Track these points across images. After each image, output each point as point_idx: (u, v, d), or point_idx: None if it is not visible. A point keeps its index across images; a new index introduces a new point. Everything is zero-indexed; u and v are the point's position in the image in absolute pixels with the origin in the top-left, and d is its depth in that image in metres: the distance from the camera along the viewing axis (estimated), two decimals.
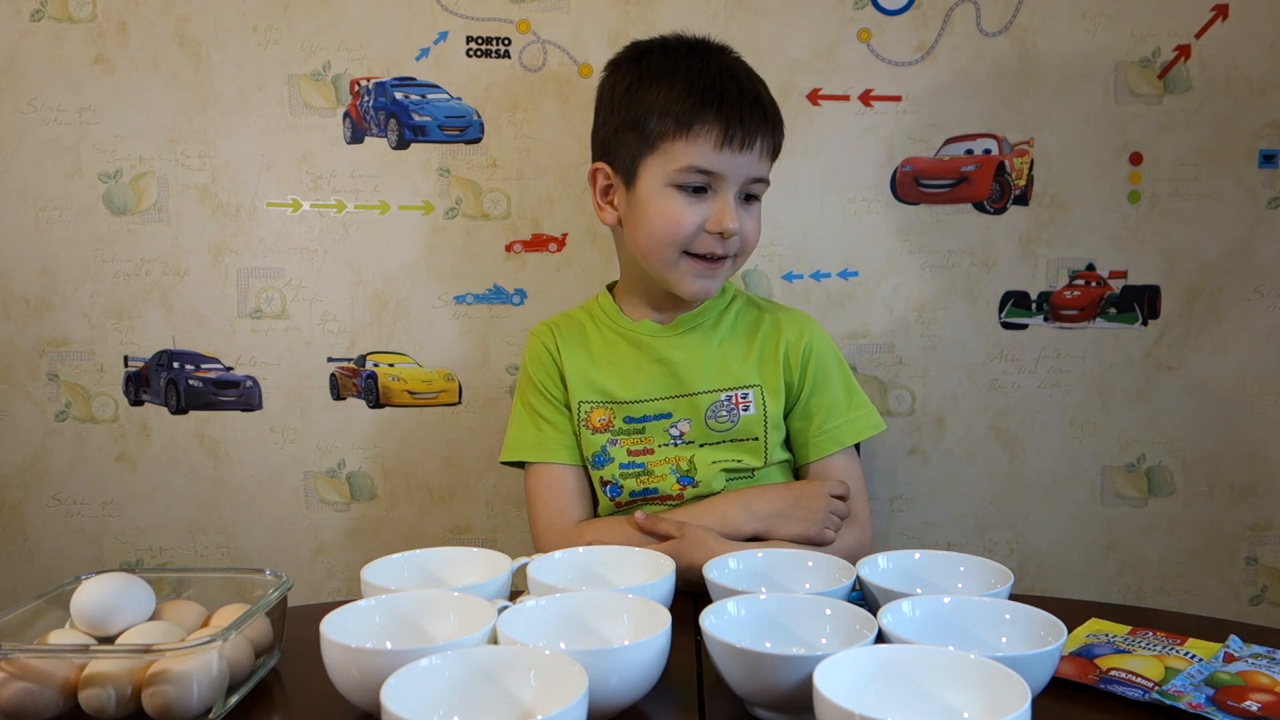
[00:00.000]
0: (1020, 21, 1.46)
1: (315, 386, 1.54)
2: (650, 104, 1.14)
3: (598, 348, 1.23)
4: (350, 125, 1.49)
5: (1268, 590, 1.54)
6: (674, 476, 1.17)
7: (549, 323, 1.27)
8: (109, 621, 0.79)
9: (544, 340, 1.24)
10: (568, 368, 1.22)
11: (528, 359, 1.25)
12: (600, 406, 1.20)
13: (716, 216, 1.13)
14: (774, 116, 1.17)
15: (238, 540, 1.56)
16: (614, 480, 1.19)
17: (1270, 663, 0.81)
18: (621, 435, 1.19)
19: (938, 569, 0.92)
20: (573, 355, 1.22)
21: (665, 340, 1.21)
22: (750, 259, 1.28)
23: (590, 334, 1.25)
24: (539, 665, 0.69)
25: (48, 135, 1.49)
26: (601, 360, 1.22)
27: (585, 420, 1.20)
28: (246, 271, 1.51)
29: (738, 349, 1.21)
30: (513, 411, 1.26)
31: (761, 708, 0.75)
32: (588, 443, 1.19)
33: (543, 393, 1.22)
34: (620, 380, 1.20)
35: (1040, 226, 1.50)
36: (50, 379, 1.53)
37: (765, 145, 1.15)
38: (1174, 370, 1.51)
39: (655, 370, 1.20)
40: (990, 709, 0.65)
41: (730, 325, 1.23)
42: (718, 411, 1.18)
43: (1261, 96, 1.46)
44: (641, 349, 1.21)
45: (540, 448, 1.21)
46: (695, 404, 1.18)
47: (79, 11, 1.47)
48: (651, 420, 1.18)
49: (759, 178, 1.16)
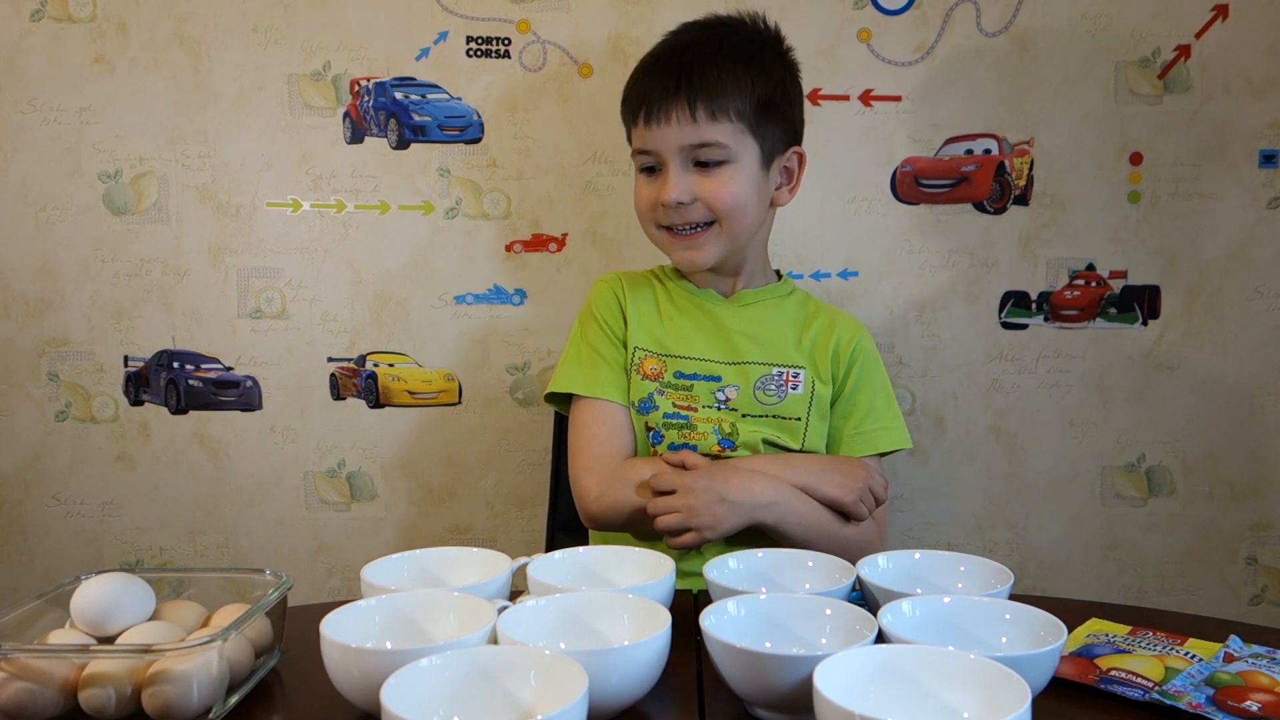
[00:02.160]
0: (1020, 21, 1.46)
1: (315, 386, 1.54)
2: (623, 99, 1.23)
3: (662, 303, 1.26)
4: (350, 125, 1.49)
5: (1268, 590, 1.54)
6: (715, 436, 1.18)
7: (617, 273, 1.30)
8: (109, 621, 0.79)
9: (612, 286, 1.27)
10: (631, 314, 1.24)
11: (594, 299, 1.27)
12: (653, 356, 1.21)
13: (658, 190, 1.17)
14: (697, 80, 1.14)
15: (238, 540, 1.56)
16: (656, 428, 1.20)
17: (1270, 663, 0.81)
18: (669, 388, 1.20)
19: (938, 569, 0.92)
20: (638, 303, 1.25)
21: (727, 308, 1.24)
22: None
23: (656, 290, 1.27)
24: (539, 665, 0.69)
25: (48, 135, 1.49)
26: (663, 314, 1.25)
27: (638, 366, 1.21)
28: (246, 271, 1.51)
29: (793, 332, 1.24)
30: (567, 348, 1.27)
31: (761, 708, 0.74)
32: (636, 387, 1.21)
33: (604, 329, 1.24)
34: (677, 335, 1.22)
35: (1040, 226, 1.50)
36: (50, 379, 1.53)
37: (686, 111, 1.14)
38: (1174, 370, 1.51)
39: (712, 332, 1.23)
40: (990, 709, 0.65)
41: (789, 311, 1.26)
42: (767, 385, 1.20)
43: (1261, 96, 1.46)
44: (704, 311, 1.24)
45: (594, 383, 1.21)
46: (746, 373, 1.20)
47: (79, 11, 1.47)
48: (701, 380, 1.20)
49: (700, 143, 1.14)
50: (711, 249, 1.19)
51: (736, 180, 1.17)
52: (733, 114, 1.16)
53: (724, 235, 1.19)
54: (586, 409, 1.21)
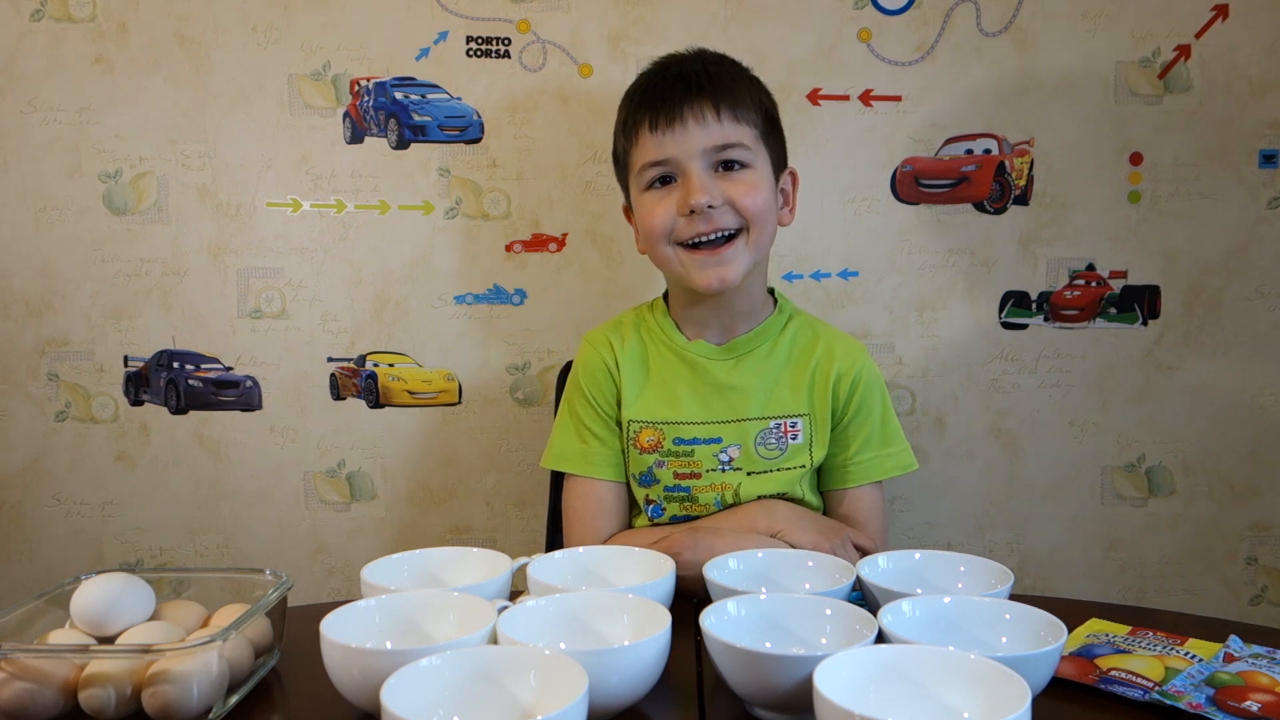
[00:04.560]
0: (1020, 21, 1.46)
1: (315, 386, 1.54)
2: (616, 132, 1.21)
3: (654, 366, 1.21)
4: (350, 125, 1.49)
5: (1268, 590, 1.54)
6: (717, 507, 1.16)
7: (608, 334, 1.24)
8: (109, 621, 0.79)
9: (603, 354, 1.21)
10: (625, 385, 1.19)
11: (582, 369, 1.22)
12: (649, 427, 1.18)
13: (681, 197, 1.11)
14: (714, 83, 1.12)
15: (238, 540, 1.56)
16: (658, 501, 1.18)
17: (1270, 663, 0.81)
18: (670, 457, 1.17)
19: (938, 569, 0.93)
20: (631, 373, 1.20)
21: (720, 364, 1.19)
22: None
23: (648, 351, 1.22)
24: (539, 665, 0.69)
25: (48, 135, 1.49)
26: (656, 379, 1.20)
27: (634, 439, 1.18)
28: (246, 271, 1.51)
29: (791, 376, 1.19)
30: (559, 416, 1.24)
31: (761, 708, 0.75)
32: (635, 461, 1.18)
33: (593, 406, 1.20)
34: (672, 402, 1.18)
35: (1040, 226, 1.50)
36: (50, 379, 1.53)
37: (709, 112, 1.10)
38: (1174, 370, 1.51)
39: (708, 394, 1.18)
40: (990, 709, 0.65)
41: (786, 350, 1.20)
42: (766, 439, 1.16)
43: (1261, 96, 1.46)
44: (696, 371, 1.19)
45: (585, 462, 1.19)
46: (744, 430, 1.16)
47: (79, 11, 1.47)
48: (701, 444, 1.17)
49: (725, 144, 1.11)
50: (740, 263, 1.12)
51: (761, 184, 1.13)
52: (750, 119, 1.14)
53: (751, 245, 1.13)
54: (576, 488, 1.20)
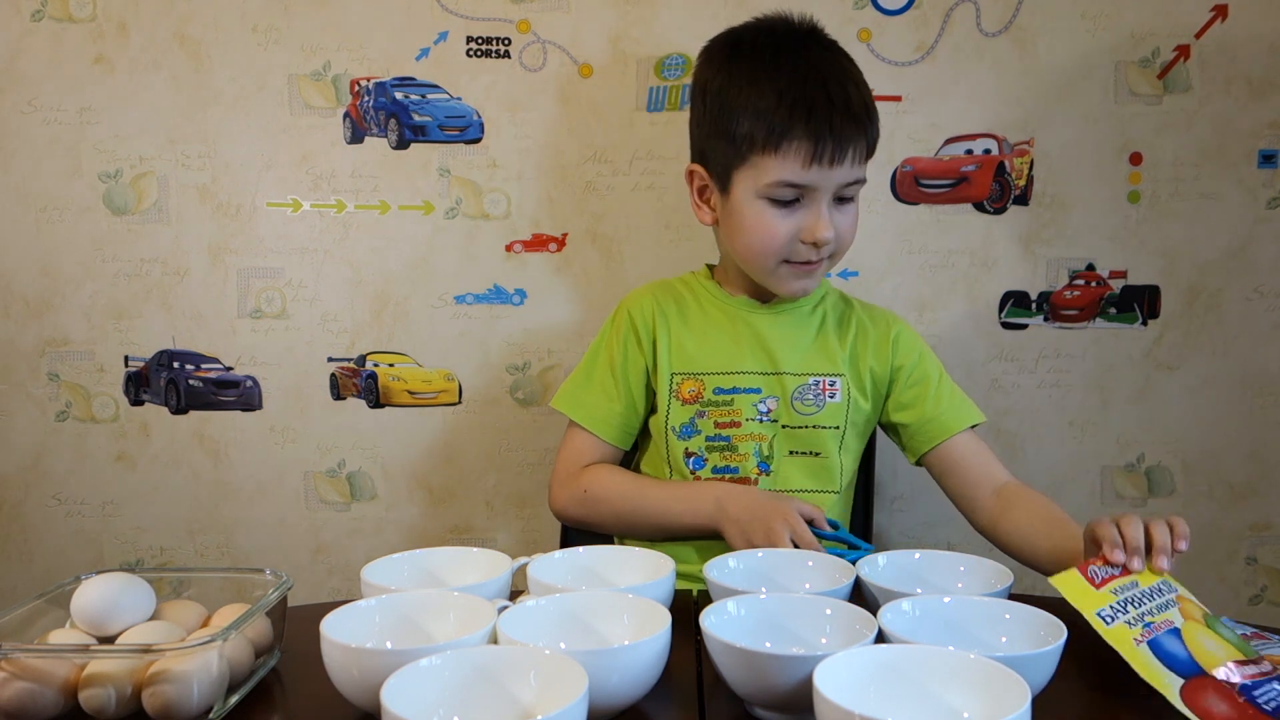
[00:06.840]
0: (1020, 21, 1.46)
1: (315, 386, 1.54)
2: (740, 115, 1.12)
3: (695, 318, 1.24)
4: (350, 125, 1.49)
5: (1268, 590, 1.54)
6: (756, 459, 1.19)
7: (651, 293, 1.26)
8: (109, 621, 0.79)
9: (640, 315, 1.23)
10: (662, 339, 1.22)
11: (613, 329, 1.26)
12: (691, 378, 1.21)
13: (810, 227, 1.12)
14: (866, 119, 1.13)
15: (238, 540, 1.56)
16: (699, 453, 1.20)
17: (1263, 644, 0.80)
18: (710, 407, 1.20)
19: (938, 569, 0.93)
20: (670, 325, 1.23)
21: (762, 317, 1.22)
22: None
23: (689, 304, 1.25)
24: (539, 665, 0.69)
25: (48, 135, 1.49)
26: (697, 330, 1.23)
27: (676, 391, 1.21)
28: (246, 271, 1.51)
29: (829, 338, 1.23)
30: (583, 360, 1.27)
31: (761, 708, 0.74)
32: (676, 413, 1.20)
33: (612, 368, 1.23)
34: (714, 351, 1.21)
35: (1040, 226, 1.50)
36: (50, 379, 1.53)
37: (858, 152, 1.12)
38: (1174, 370, 1.51)
39: (749, 344, 1.21)
40: (990, 709, 0.65)
41: (825, 314, 1.25)
42: (804, 394, 1.20)
43: (1261, 96, 1.46)
44: (738, 322, 1.22)
45: (584, 411, 1.23)
46: (783, 383, 1.20)
47: (79, 11, 1.47)
48: (741, 393, 1.20)
49: (853, 180, 1.14)
50: (821, 275, 1.19)
51: (856, 213, 1.18)
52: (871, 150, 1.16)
53: (832, 264, 1.19)
54: (570, 432, 1.25)
